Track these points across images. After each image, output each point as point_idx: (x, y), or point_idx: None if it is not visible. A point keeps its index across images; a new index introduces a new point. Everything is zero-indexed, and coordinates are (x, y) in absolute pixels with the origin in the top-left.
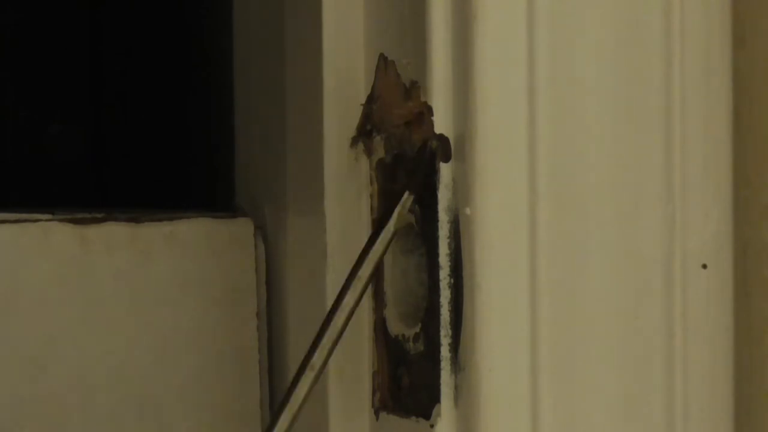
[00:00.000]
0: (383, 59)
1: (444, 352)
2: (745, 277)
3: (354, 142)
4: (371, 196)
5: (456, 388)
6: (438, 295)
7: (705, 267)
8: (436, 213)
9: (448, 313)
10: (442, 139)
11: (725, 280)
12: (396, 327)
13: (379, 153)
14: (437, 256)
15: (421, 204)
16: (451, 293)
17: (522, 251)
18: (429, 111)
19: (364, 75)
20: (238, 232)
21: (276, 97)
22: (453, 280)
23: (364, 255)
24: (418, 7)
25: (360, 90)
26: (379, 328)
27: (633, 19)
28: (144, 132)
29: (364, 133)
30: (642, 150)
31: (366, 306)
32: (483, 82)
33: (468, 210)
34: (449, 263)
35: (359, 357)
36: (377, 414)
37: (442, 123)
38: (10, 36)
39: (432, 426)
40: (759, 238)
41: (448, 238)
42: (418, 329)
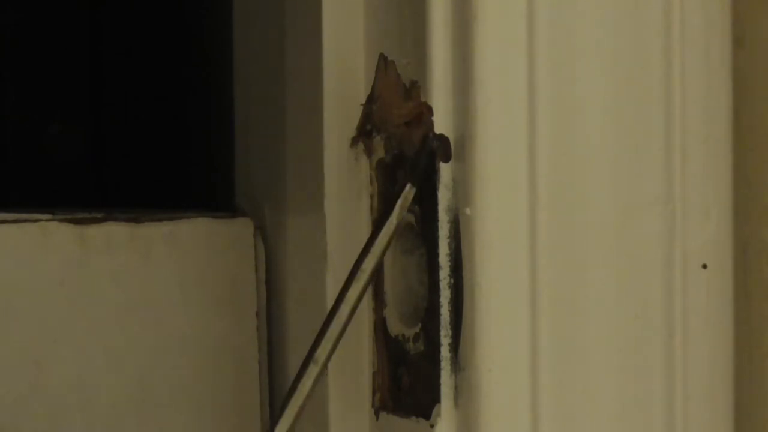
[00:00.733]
0: (383, 59)
1: (444, 352)
2: (745, 277)
3: (354, 142)
4: (371, 196)
5: (456, 388)
6: (438, 295)
7: (705, 267)
8: (436, 213)
9: (448, 313)
10: (442, 139)
11: (725, 280)
12: (396, 327)
13: (379, 153)
14: (437, 256)
15: (421, 204)
16: (451, 293)
17: (522, 251)
18: (429, 111)
19: (364, 75)
20: (237, 232)
21: (276, 97)
22: (453, 280)
23: (367, 248)
24: (418, 7)
25: (360, 90)
26: (379, 328)
27: (633, 19)
28: (144, 132)
29: (364, 133)
30: (642, 150)
31: (366, 306)
32: (483, 82)
33: (468, 210)
34: (449, 263)
35: (359, 357)
36: (377, 414)
37: (442, 123)
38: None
39: (432, 426)
40: (759, 238)
41: (448, 238)
42: (418, 329)
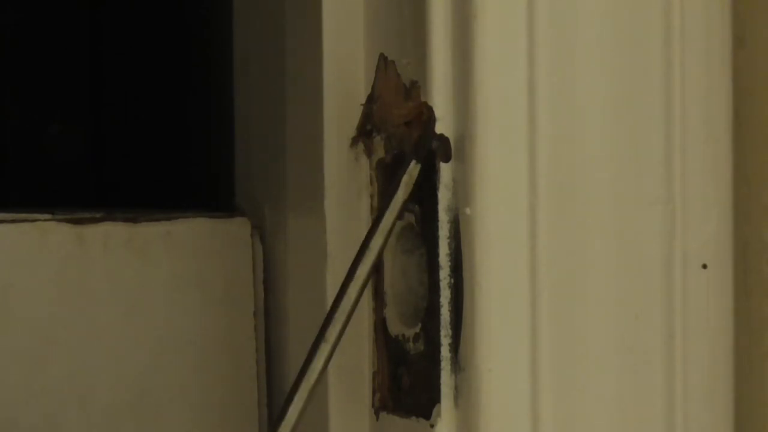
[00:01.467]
0: (383, 59)
1: (444, 352)
2: (745, 277)
3: (354, 142)
4: (371, 196)
5: (456, 388)
6: (438, 295)
7: (705, 267)
8: (436, 213)
9: (448, 313)
10: (442, 139)
11: (725, 280)
12: (396, 327)
13: (379, 153)
14: (437, 256)
15: (421, 204)
16: (451, 293)
17: (522, 251)
18: (429, 111)
19: (364, 75)
20: (235, 231)
21: (276, 97)
22: (453, 280)
23: (375, 224)
24: (418, 7)
25: (360, 90)
26: (379, 328)
27: (633, 19)
28: (144, 132)
29: (364, 133)
30: (642, 150)
31: (366, 306)
32: (483, 81)
33: (468, 210)
34: (449, 263)
35: (359, 357)
36: (377, 414)
37: (442, 123)
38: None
39: (432, 426)
40: (759, 238)
41: (448, 238)
42: (418, 329)
